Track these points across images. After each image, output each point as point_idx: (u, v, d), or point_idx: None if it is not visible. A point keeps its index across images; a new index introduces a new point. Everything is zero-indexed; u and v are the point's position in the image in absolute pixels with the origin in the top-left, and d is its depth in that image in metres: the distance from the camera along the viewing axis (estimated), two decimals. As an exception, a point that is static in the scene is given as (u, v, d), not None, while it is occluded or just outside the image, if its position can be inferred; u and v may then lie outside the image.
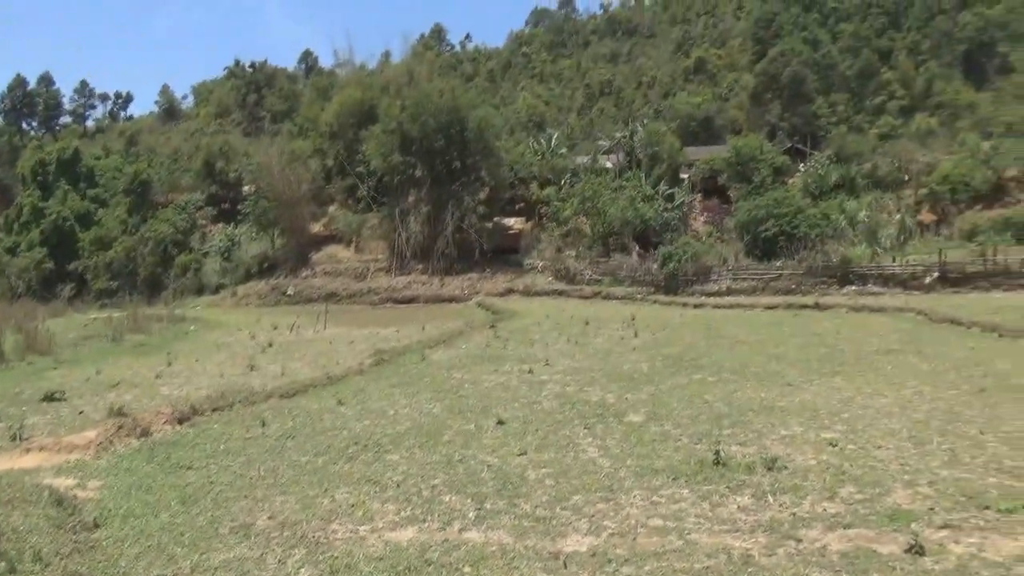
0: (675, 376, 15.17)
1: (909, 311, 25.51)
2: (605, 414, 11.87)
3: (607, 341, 21.39)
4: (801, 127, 79.37)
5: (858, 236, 38.75)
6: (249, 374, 16.96)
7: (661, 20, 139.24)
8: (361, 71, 67.61)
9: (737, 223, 42.56)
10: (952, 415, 11.07)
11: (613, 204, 44.45)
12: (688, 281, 37.70)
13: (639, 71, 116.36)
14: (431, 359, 18.73)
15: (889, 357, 16.68)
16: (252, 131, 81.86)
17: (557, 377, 15.46)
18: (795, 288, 34.82)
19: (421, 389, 14.53)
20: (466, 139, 46.26)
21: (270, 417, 12.15)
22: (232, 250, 52.47)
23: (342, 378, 16.01)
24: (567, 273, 42.58)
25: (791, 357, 17.21)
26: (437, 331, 24.94)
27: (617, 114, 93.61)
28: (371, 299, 43.75)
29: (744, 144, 50.82)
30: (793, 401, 12.40)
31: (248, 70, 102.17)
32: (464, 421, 11.68)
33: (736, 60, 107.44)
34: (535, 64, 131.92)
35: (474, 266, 45.60)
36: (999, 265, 32.10)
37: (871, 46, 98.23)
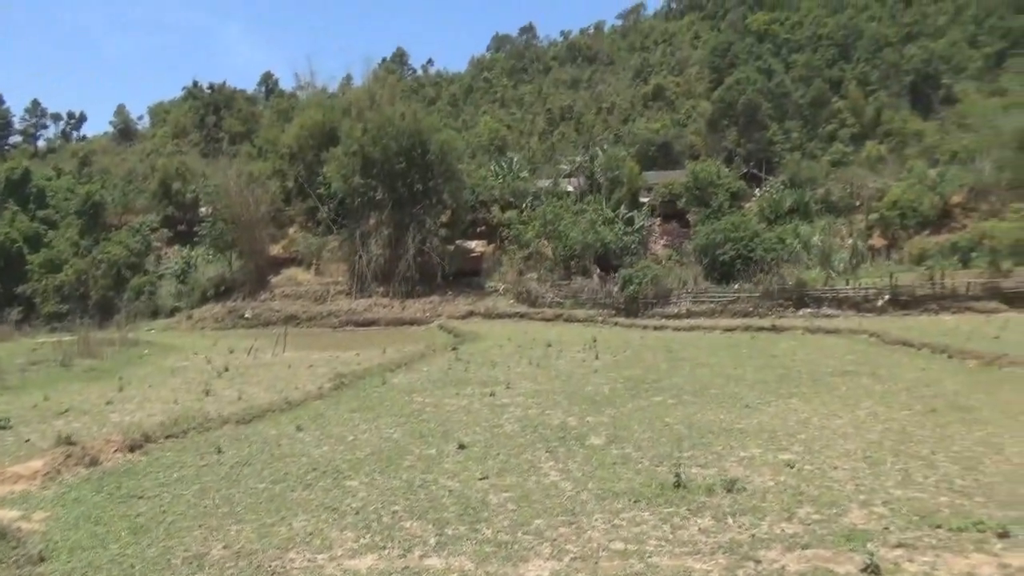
0: (636, 398, 15.26)
1: (862, 333, 26.12)
2: (567, 437, 11.87)
3: (569, 363, 21.44)
4: (756, 153, 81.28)
5: (812, 260, 39.68)
6: (204, 399, 16.57)
7: (620, 48, 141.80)
8: (322, 93, 67.42)
9: (696, 246, 43.23)
10: (905, 435, 11.32)
11: (574, 227, 44.83)
12: (648, 304, 38.06)
13: (599, 97, 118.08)
14: (392, 383, 18.55)
15: (844, 378, 17.02)
16: (210, 152, 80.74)
17: (519, 400, 15.43)
18: (753, 311, 35.39)
19: (381, 413, 14.36)
20: (428, 162, 46.30)
21: (226, 444, 11.89)
22: (188, 272, 51.51)
23: (301, 403, 15.75)
24: (529, 296, 42.67)
25: (749, 379, 17.44)
26: (398, 354, 24.73)
27: (578, 139, 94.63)
28: (331, 322, 43.22)
29: (702, 169, 51.80)
30: (752, 423, 12.55)
31: (206, 91, 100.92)
32: (425, 446, 11.58)
33: (693, 88, 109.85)
34: (496, 89, 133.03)
35: (435, 289, 45.47)
36: (947, 288, 33.09)
37: (822, 76, 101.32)
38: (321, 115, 55.57)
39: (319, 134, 54.08)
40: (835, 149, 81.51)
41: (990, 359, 18.13)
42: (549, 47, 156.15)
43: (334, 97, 65.95)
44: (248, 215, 49.22)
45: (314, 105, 60.94)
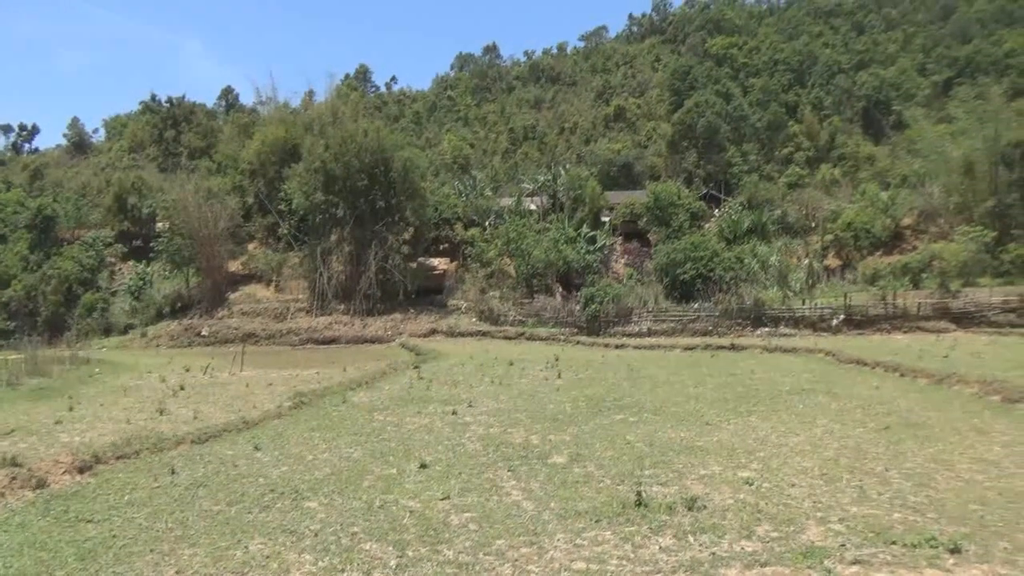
0: (598, 416, 15.30)
1: (818, 352, 26.68)
2: (529, 456, 11.84)
3: (531, 382, 21.43)
4: (715, 174, 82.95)
5: (770, 279, 40.46)
6: (158, 419, 16.15)
7: (582, 69, 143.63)
8: (284, 109, 66.90)
9: (656, 266, 43.74)
10: (860, 452, 11.54)
11: (537, 246, 45.06)
12: (610, 322, 38.36)
13: (561, 117, 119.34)
14: (352, 401, 18.32)
15: (801, 396, 17.31)
16: (168, 167, 79.38)
17: (481, 419, 15.36)
18: (712, 329, 35.91)
19: (342, 433, 14.16)
20: (391, 179, 46.17)
21: (180, 464, 11.59)
22: (143, 289, 50.41)
23: (259, 422, 15.44)
24: (491, 314, 42.68)
25: (709, 397, 17.63)
26: (359, 373, 24.47)
27: (540, 158, 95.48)
28: (291, 340, 42.64)
29: (662, 190, 52.56)
30: (711, 440, 12.67)
31: (165, 105, 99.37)
32: (386, 465, 11.43)
33: (654, 110, 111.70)
34: (460, 107, 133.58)
35: (397, 307, 45.18)
36: (899, 308, 34.03)
37: (779, 100, 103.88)
38: (283, 131, 55.13)
39: (280, 150, 53.62)
40: (791, 172, 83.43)
41: (940, 378, 18.63)
42: (512, 67, 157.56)
43: (296, 113, 65.52)
44: (206, 231, 48.44)
45: (276, 121, 60.46)
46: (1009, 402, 15.35)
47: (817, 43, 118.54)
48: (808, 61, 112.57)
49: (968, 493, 9.23)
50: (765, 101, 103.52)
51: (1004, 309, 32.71)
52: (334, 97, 62.55)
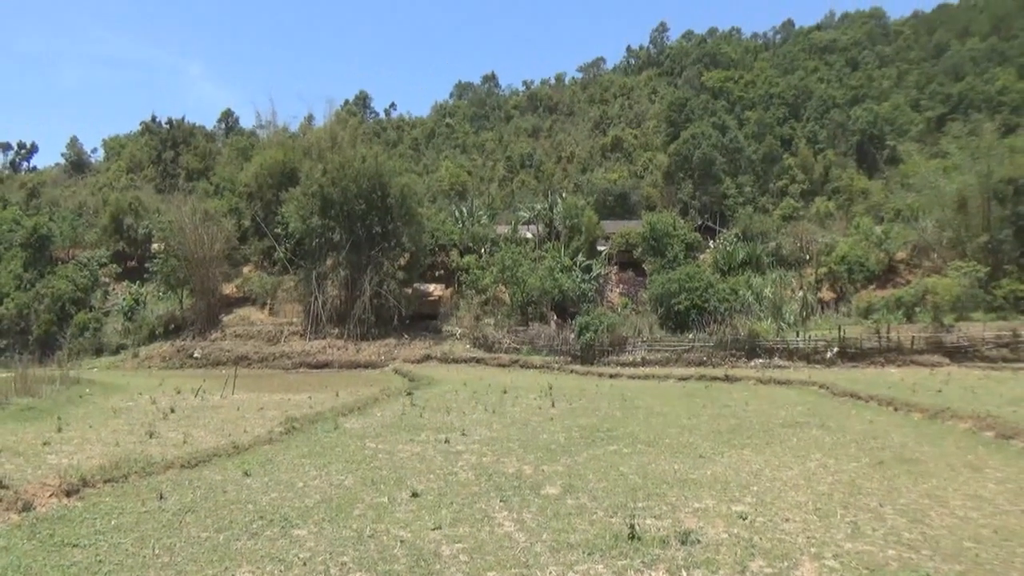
0: (591, 447, 15.22)
1: (812, 384, 26.65)
2: (521, 486, 11.75)
3: (524, 411, 21.33)
4: (711, 206, 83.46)
5: (764, 311, 40.55)
6: (148, 442, 16.00)
7: (580, 100, 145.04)
8: (283, 133, 67.30)
9: (651, 295, 43.81)
10: (854, 488, 11.49)
11: (532, 274, 45.11)
12: (604, 351, 38.31)
13: (559, 146, 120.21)
14: (344, 427, 18.19)
15: (795, 430, 17.26)
16: (165, 188, 79.55)
17: (474, 447, 15.26)
18: (706, 360, 35.87)
19: (333, 459, 14.04)
20: (388, 205, 46.33)
21: (169, 489, 11.46)
22: (136, 310, 50.21)
23: (249, 447, 15.31)
24: (485, 341, 42.61)
25: (703, 429, 17.56)
26: (352, 398, 24.33)
27: (537, 186, 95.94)
28: (284, 363, 42.44)
29: (658, 220, 52.78)
30: (705, 473, 12.60)
31: (164, 126, 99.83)
32: (377, 493, 11.32)
33: (650, 140, 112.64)
34: (458, 135, 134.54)
35: (391, 332, 45.10)
36: (892, 342, 34.06)
37: (774, 133, 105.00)
38: (281, 154, 55.39)
39: (278, 173, 53.84)
40: (786, 204, 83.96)
41: (934, 412, 18.61)
42: (511, 96, 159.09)
43: (295, 137, 65.90)
44: (202, 252, 48.42)
45: (275, 144, 60.79)
46: (1003, 438, 15.33)
47: (812, 78, 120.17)
48: (803, 95, 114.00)
49: (962, 530, 9.18)
50: (760, 134, 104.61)
51: (997, 344, 32.79)
52: (333, 122, 62.99)
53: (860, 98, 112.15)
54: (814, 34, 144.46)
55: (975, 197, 43.26)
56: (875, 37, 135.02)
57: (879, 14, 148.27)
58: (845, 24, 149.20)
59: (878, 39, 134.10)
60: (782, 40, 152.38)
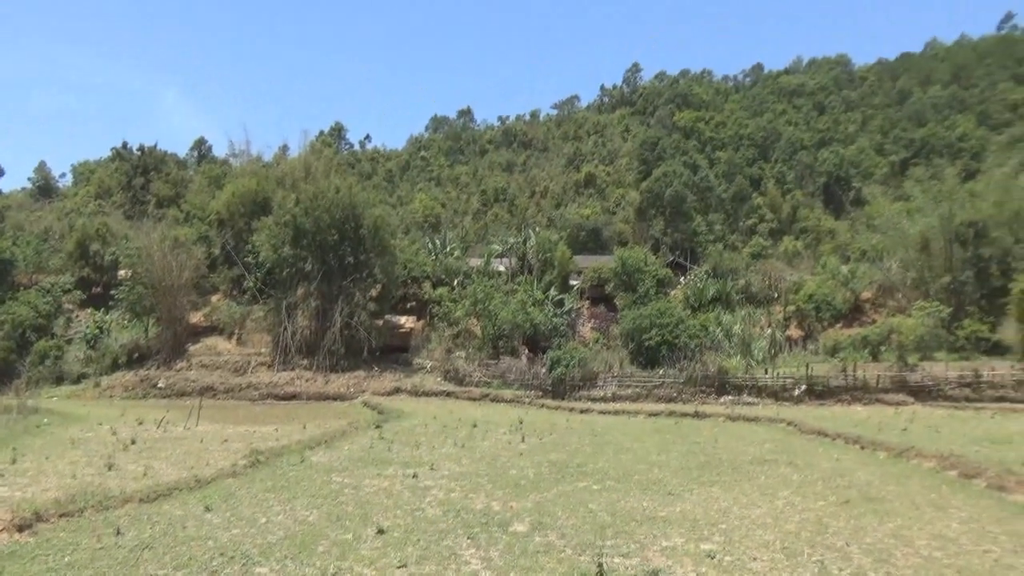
0: (561, 483, 15.12)
1: (780, 422, 26.85)
2: (489, 523, 11.61)
3: (494, 445, 21.17)
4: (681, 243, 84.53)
5: (733, 348, 40.92)
6: (106, 475, 15.57)
7: (554, 136, 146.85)
8: (256, 162, 67.03)
9: (622, 331, 43.99)
10: (821, 526, 11.52)
11: (504, 307, 45.10)
12: (575, 386, 38.28)
13: (533, 181, 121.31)
14: (311, 461, 17.88)
15: (763, 467, 17.32)
16: (134, 215, 78.40)
17: (442, 483, 15.07)
18: (676, 396, 36.01)
19: (298, 494, 13.77)
20: (361, 236, 46.19)
21: (126, 524, 11.13)
22: (100, 338, 49.12)
23: (212, 481, 14.96)
24: (456, 374, 42.36)
25: (673, 465, 17.56)
26: (319, 431, 23.97)
27: (511, 220, 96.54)
28: (251, 395, 41.75)
29: (630, 256, 53.21)
30: (674, 511, 12.57)
31: (136, 153, 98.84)
32: (342, 530, 11.10)
33: (623, 177, 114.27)
34: (433, 167, 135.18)
35: (361, 364, 44.62)
36: (859, 380, 34.52)
37: (743, 173, 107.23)
38: (255, 183, 55.10)
39: (251, 202, 53.50)
40: (755, 242, 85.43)
41: (899, 451, 18.82)
42: (486, 130, 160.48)
43: (269, 166, 65.64)
44: (170, 280, 47.70)
45: (248, 173, 60.48)
46: (966, 477, 15.52)
47: (780, 120, 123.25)
48: (772, 137, 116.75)
49: (927, 571, 9.24)
50: (730, 173, 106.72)
51: (960, 384, 33.39)
52: (308, 152, 62.96)
53: (827, 141, 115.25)
54: (782, 78, 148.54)
55: (937, 239, 44.35)
56: (841, 82, 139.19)
57: (844, 60, 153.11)
58: (812, 69, 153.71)
59: (844, 84, 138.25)
60: (752, 83, 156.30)
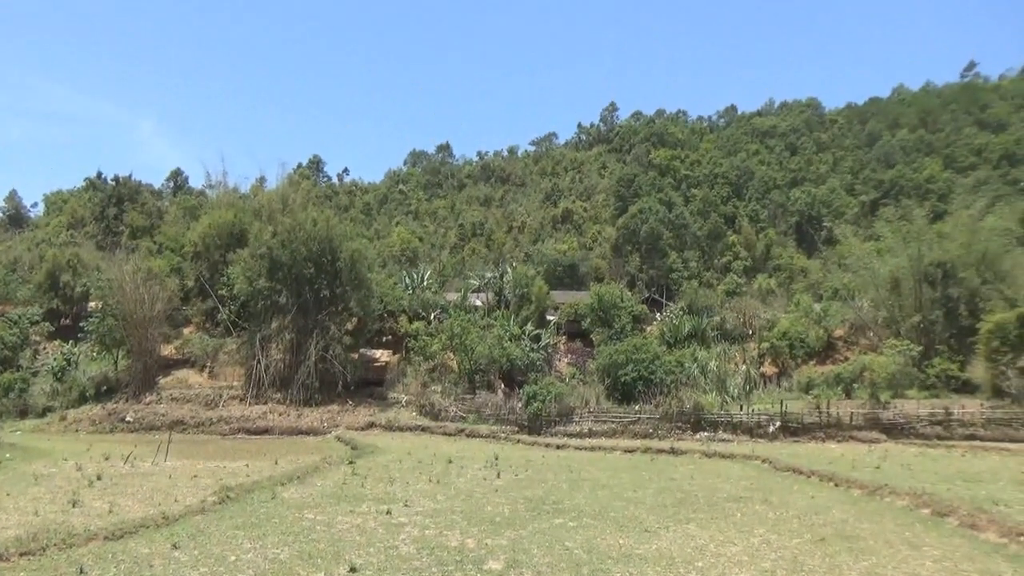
0: (536, 520, 14.97)
1: (755, 458, 26.89)
2: (464, 561, 11.45)
3: (470, 481, 20.94)
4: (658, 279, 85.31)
5: (709, 384, 41.06)
6: (70, 512, 15.15)
7: (532, 172, 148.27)
8: (233, 193, 66.72)
9: (599, 366, 44.00)
10: (796, 564, 11.51)
11: (481, 342, 44.98)
12: (551, 421, 38.10)
13: (510, 216, 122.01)
14: (282, 497, 17.55)
15: (739, 504, 17.30)
16: (107, 245, 77.50)
17: (416, 519, 14.86)
18: (652, 432, 35.95)
19: (268, 531, 13.48)
20: (337, 269, 45.97)
21: (90, 563, 10.82)
22: (67, 370, 48.08)
23: (180, 518, 14.61)
24: (432, 409, 41.99)
25: (649, 502, 17.48)
26: (291, 466, 23.58)
27: (488, 255, 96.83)
28: (222, 429, 40.97)
29: (606, 291, 53.53)
30: (650, 548, 12.49)
31: (110, 183, 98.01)
32: (313, 568, 10.88)
33: (599, 213, 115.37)
34: (411, 201, 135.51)
35: (336, 398, 44.08)
36: (832, 417, 34.75)
37: (718, 211, 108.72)
38: (231, 215, 54.81)
39: (227, 234, 53.16)
40: (729, 280, 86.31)
41: (873, 489, 18.91)
42: (464, 165, 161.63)
43: (245, 198, 65.39)
44: (141, 312, 46.95)
45: (224, 204, 60.16)
46: (938, 515, 15.62)
47: (754, 160, 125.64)
48: (745, 176, 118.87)
49: (903, 609, 9.23)
50: (705, 211, 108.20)
51: (931, 421, 33.74)
52: (285, 185, 62.80)
53: (799, 180, 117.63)
54: (755, 119, 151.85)
55: (907, 279, 45.12)
56: (812, 124, 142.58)
57: (815, 104, 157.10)
58: (784, 111, 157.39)
59: (815, 126, 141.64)
60: (726, 123, 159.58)
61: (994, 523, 13.98)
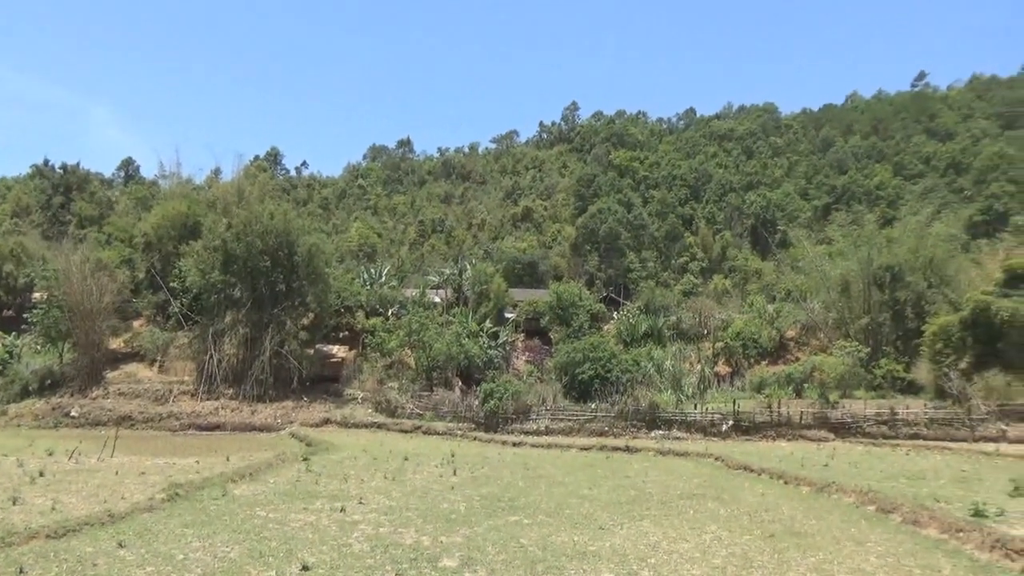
0: (492, 517, 14.97)
1: (708, 456, 27.31)
2: (418, 558, 11.38)
3: (425, 479, 20.85)
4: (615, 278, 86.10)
5: (664, 383, 41.62)
6: (10, 509, 14.64)
7: (493, 169, 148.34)
8: (187, 184, 65.27)
9: (556, 364, 44.24)
10: (746, 560, 11.71)
11: (439, 338, 44.82)
12: (508, 419, 38.19)
13: (470, 213, 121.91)
14: (234, 495, 17.23)
15: (692, 502, 17.55)
16: (54, 235, 75.22)
17: (371, 517, 14.73)
18: (608, 430, 36.27)
19: (219, 529, 13.22)
20: (294, 263, 45.29)
21: (30, 562, 10.47)
22: (9, 363, 46.48)
23: (126, 515, 14.23)
24: (388, 406, 41.71)
25: (603, 500, 17.61)
26: (243, 463, 23.14)
27: (448, 252, 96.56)
28: (172, 425, 40.06)
29: (565, 290, 53.83)
30: (604, 545, 12.58)
31: (57, 171, 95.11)
32: (264, 567, 10.70)
33: (559, 212, 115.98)
34: (370, 196, 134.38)
35: (290, 394, 43.46)
36: (783, 416, 35.52)
37: (676, 212, 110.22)
38: (185, 206, 53.56)
39: (180, 225, 51.92)
40: (686, 280, 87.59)
41: (821, 486, 19.36)
42: (425, 161, 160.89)
43: (200, 189, 64.02)
44: (89, 304, 45.59)
45: (178, 195, 58.78)
46: (883, 512, 16.05)
47: (712, 163, 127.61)
48: (703, 178, 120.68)
49: (848, 604, 9.45)
50: (663, 212, 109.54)
51: (877, 421, 34.71)
52: (241, 177, 61.61)
53: (755, 184, 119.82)
54: (714, 122, 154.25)
55: (857, 282, 46.32)
56: (768, 129, 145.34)
57: (771, 108, 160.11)
58: (742, 115, 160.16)
59: (771, 131, 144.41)
60: (685, 126, 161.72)
61: (935, 520, 14.42)
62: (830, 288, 48.88)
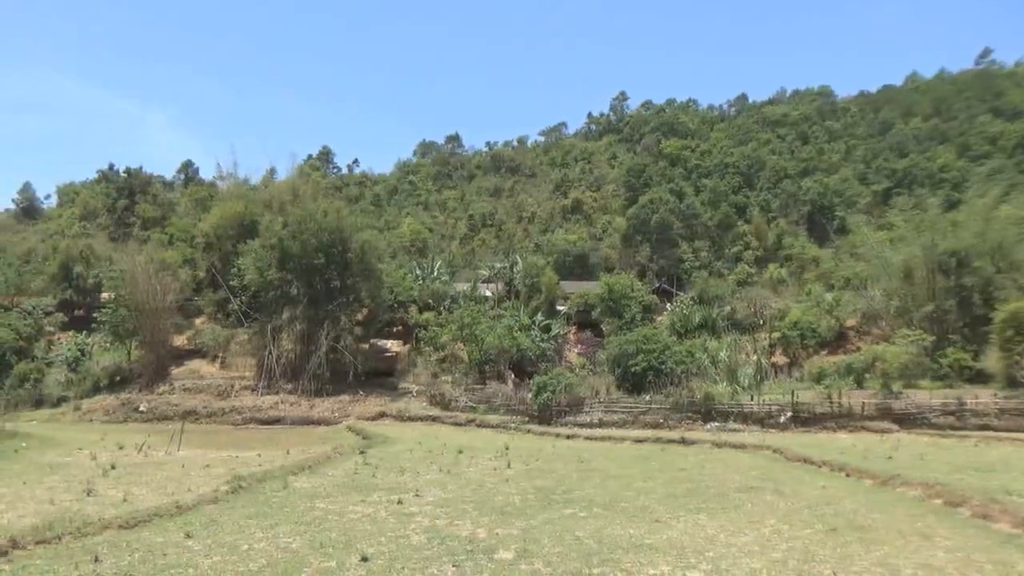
0: (547, 510, 14.99)
1: (766, 449, 26.79)
2: (475, 550, 11.47)
3: (480, 471, 20.99)
4: (668, 269, 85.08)
5: (719, 374, 40.99)
6: (85, 500, 15.29)
7: (542, 162, 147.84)
8: (244, 185, 66.97)
9: (608, 356, 43.97)
10: (808, 554, 11.47)
11: (491, 332, 45.03)
12: (561, 411, 38.15)
13: (520, 206, 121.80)
14: (294, 487, 17.65)
15: (749, 494, 17.26)
16: (119, 237, 77.96)
17: (427, 509, 14.91)
18: (662, 422, 35.93)
19: (280, 520, 13.56)
20: (347, 260, 46.09)
21: (105, 551, 10.91)
22: (81, 360, 48.52)
23: (193, 507, 14.72)
24: (442, 399, 42.13)
25: (659, 492, 17.46)
26: (302, 456, 23.70)
27: (498, 245, 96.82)
28: (234, 419, 41.27)
29: (616, 282, 53.44)
30: (661, 538, 12.47)
31: (122, 175, 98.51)
32: (325, 557, 10.94)
33: (610, 204, 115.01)
34: (420, 192, 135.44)
35: (346, 388, 44.28)
36: (844, 407, 34.61)
37: (729, 201, 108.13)
38: (241, 206, 55.01)
39: (237, 225, 53.36)
40: (740, 269, 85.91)
41: (885, 479, 18.81)
42: (474, 156, 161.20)
43: (256, 189, 65.61)
44: (154, 303, 47.31)
45: (235, 196, 60.38)
46: (951, 506, 15.52)
47: (765, 149, 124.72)
48: (756, 166, 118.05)
49: (914, 600, 9.19)
50: (716, 201, 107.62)
51: (943, 412, 33.54)
52: (295, 176, 63.05)
53: (810, 170, 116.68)
54: (766, 108, 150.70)
55: (920, 268, 44.75)
56: (824, 113, 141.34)
57: (827, 92, 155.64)
58: (795, 100, 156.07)
59: (827, 115, 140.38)
60: (736, 113, 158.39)
61: (1007, 513, 13.88)
62: (891, 275, 47.36)
